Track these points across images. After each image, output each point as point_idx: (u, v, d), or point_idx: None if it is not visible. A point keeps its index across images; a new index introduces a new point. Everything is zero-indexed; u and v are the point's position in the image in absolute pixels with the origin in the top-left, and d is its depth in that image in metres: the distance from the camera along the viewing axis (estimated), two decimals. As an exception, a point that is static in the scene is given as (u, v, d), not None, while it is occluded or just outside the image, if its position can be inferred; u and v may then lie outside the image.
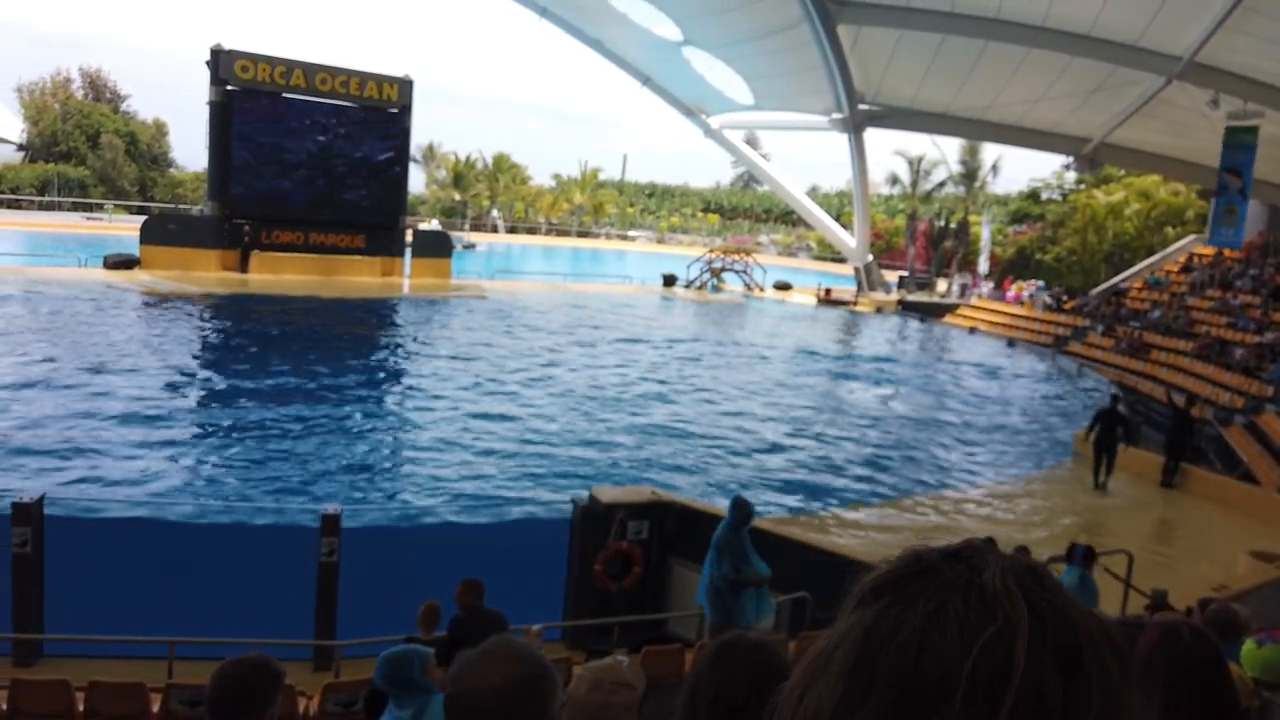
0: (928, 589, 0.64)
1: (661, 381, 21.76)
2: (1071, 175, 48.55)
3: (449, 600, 6.94)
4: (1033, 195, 56.03)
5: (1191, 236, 37.01)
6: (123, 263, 30.04)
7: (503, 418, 17.08)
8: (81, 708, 6.55)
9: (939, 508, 13.87)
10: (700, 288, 43.21)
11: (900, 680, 0.59)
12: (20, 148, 55.00)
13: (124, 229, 38.63)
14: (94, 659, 7.81)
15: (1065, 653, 0.60)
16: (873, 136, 41.12)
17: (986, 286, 43.78)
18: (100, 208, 50.38)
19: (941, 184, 56.68)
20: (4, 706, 6.47)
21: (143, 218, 35.53)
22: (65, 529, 8.68)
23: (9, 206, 48.40)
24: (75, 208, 49.99)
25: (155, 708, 6.69)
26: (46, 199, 49.92)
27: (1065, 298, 36.97)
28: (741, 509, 8.29)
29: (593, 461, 14.97)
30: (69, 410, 14.97)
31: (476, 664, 1.66)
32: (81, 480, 12.09)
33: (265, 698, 2.72)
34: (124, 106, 59.83)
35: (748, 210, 78.78)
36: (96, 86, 59.25)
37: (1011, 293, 41.00)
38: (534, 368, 21.75)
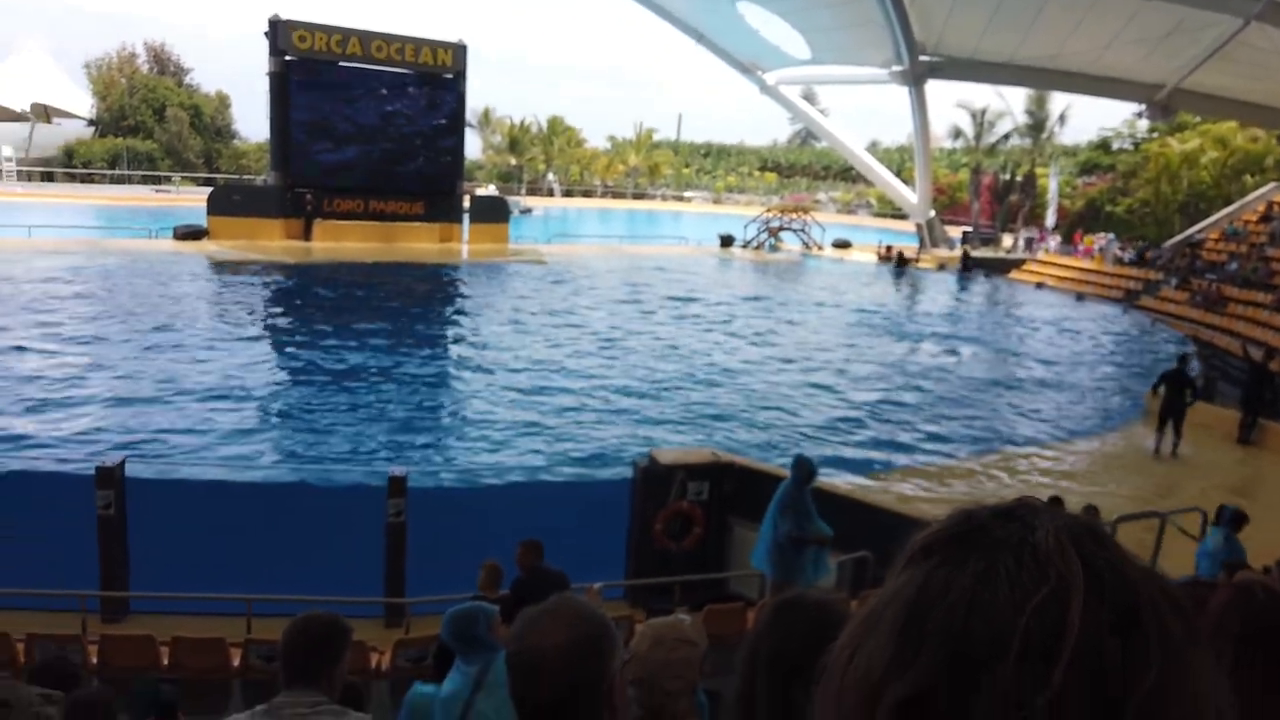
0: (978, 548, 0.62)
1: (719, 342, 21.69)
2: (1144, 123, 46.82)
3: (511, 560, 7.06)
4: (1103, 145, 54.19)
5: (1271, 185, 35.45)
6: (191, 233, 30.81)
7: (562, 380, 17.21)
8: (166, 661, 6.85)
9: (1004, 467, 13.65)
10: (758, 248, 42.80)
11: (950, 640, 0.58)
12: (90, 123, 56.48)
13: (191, 200, 39.56)
14: (176, 615, 8.15)
15: (1123, 612, 0.58)
16: (934, 89, 40.11)
17: (1054, 241, 42.58)
18: (168, 180, 51.60)
19: (1006, 136, 55.11)
20: (95, 660, 6.79)
21: (209, 189, 36.33)
22: (146, 491, 9.01)
23: (82, 181, 49.85)
24: (144, 180, 51.27)
25: (235, 662, 6.96)
26: (117, 172, 51.26)
27: (1147, 251, 35.77)
28: (803, 468, 8.26)
29: (652, 422, 15.02)
30: (145, 377, 15.48)
31: (539, 622, 1.68)
32: (159, 443, 12.53)
33: (335, 653, 2.81)
34: (187, 80, 60.95)
35: (806, 168, 77.57)
36: (161, 60, 60.38)
37: (1083, 246, 39.86)
38: (591, 330, 21.84)
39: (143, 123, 54.55)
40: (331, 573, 8.70)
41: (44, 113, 55.44)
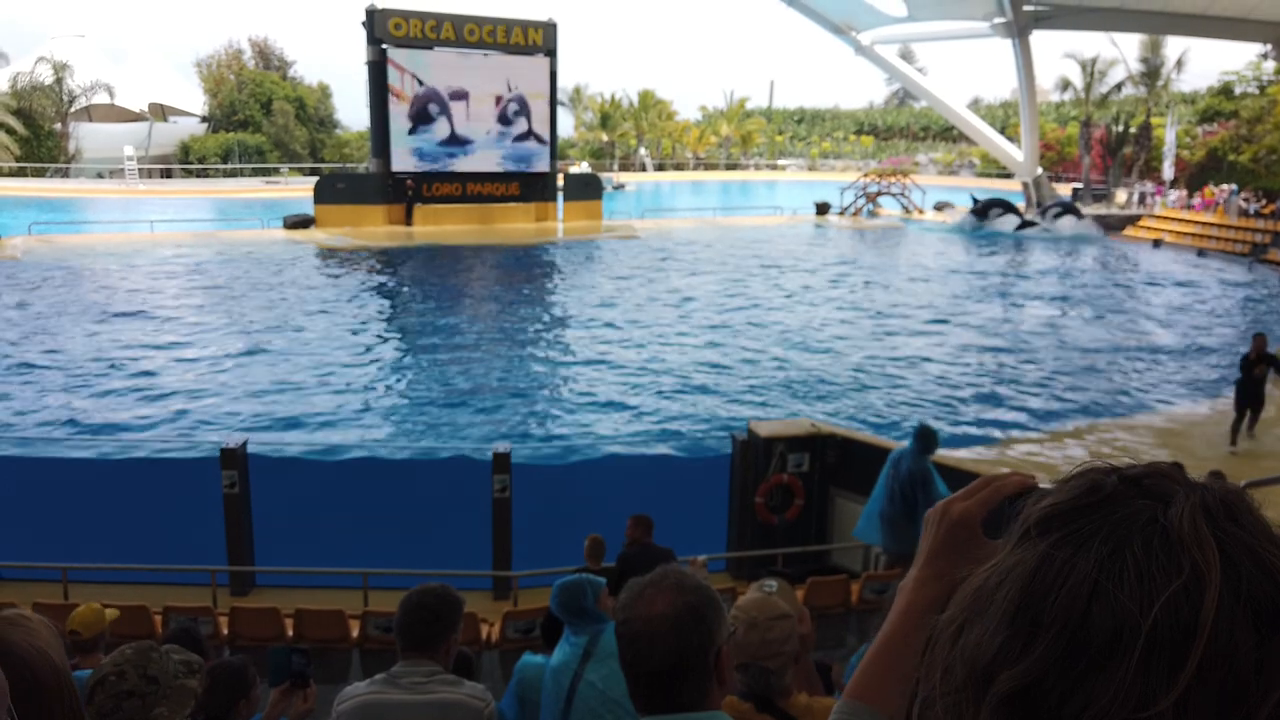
0: (1103, 526, 0.57)
1: (816, 311, 21.39)
2: (1270, 65, 43.77)
3: (612, 533, 7.15)
4: (1224, 91, 50.87)
5: None
6: (300, 222, 31.96)
7: (659, 354, 17.27)
8: (290, 632, 7.20)
9: (1120, 434, 13.11)
10: (855, 214, 41.91)
11: (1068, 631, 0.54)
12: (203, 119, 58.95)
13: (299, 190, 41.00)
14: (298, 589, 8.55)
15: (1262, 607, 0.52)
16: (1040, 39, 38.43)
17: (1175, 194, 40.37)
18: (277, 171, 53.55)
19: (1119, 86, 52.35)
20: (225, 631, 7.19)
21: (315, 178, 37.56)
22: (267, 470, 9.45)
23: (198, 176, 52.19)
24: (255, 173, 53.33)
25: (354, 632, 7.27)
26: (229, 166, 53.44)
27: (1264, 201, 33.66)
28: (926, 437, 8.09)
29: (752, 393, 14.95)
30: (262, 362, 16.19)
31: (644, 593, 1.71)
32: (278, 424, 13.12)
33: (449, 623, 2.91)
34: (290, 72, 62.92)
35: (904, 129, 75.41)
36: (265, 55, 62.46)
37: (1201, 199, 37.71)
38: (686, 303, 21.81)
39: (251, 117, 56.62)
40: (442, 547, 8.98)
41: (160, 112, 58.17)
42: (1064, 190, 44.66)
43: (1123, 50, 52.28)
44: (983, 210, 38.28)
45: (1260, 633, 0.52)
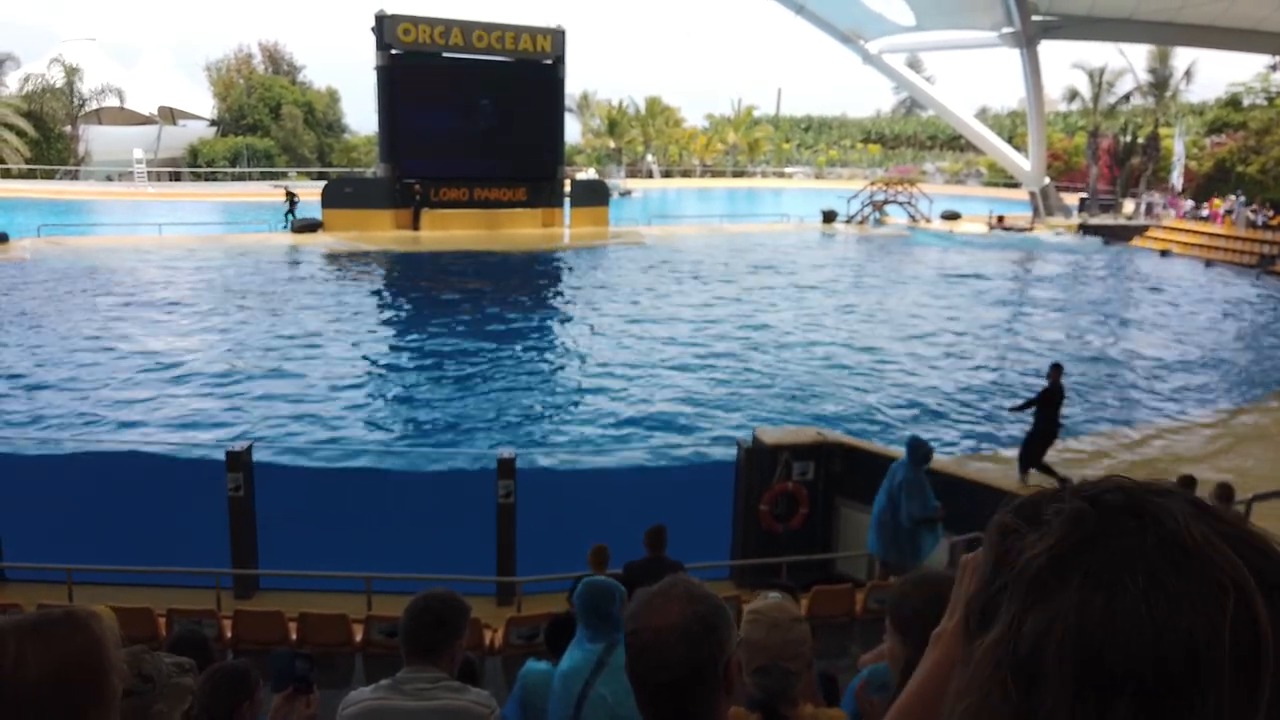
0: (1115, 560, 0.56)
1: (824, 319, 21.37)
2: (1278, 77, 43.77)
3: (617, 540, 7.14)
4: (1232, 102, 50.86)
5: None
6: (307, 226, 32.02)
7: (666, 361, 17.26)
8: (294, 636, 7.19)
9: (1128, 444, 13.07)
10: (862, 222, 41.89)
11: (1146, 680, 0.52)
12: (212, 123, 59.21)
13: (307, 194, 41.12)
14: (302, 592, 8.54)
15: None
16: (1048, 50, 38.37)
17: (1186, 205, 40.24)
18: (285, 175, 53.72)
19: (1127, 96, 52.30)
20: (229, 634, 7.18)
21: (323, 183, 37.65)
22: (272, 473, 9.46)
23: (206, 179, 52.37)
24: (263, 177, 53.50)
25: (357, 637, 7.26)
26: (238, 170, 53.63)
27: (1272, 212, 33.58)
28: (919, 448, 8.11)
29: (757, 402, 14.94)
30: (267, 365, 16.21)
31: (654, 602, 1.69)
32: (282, 428, 13.12)
33: (454, 629, 2.90)
34: (300, 77, 63.16)
35: (911, 138, 75.40)
36: (274, 59, 62.73)
37: (1209, 210, 37.64)
38: (694, 311, 21.80)
39: (260, 121, 56.84)
40: (446, 552, 8.98)
41: (170, 115, 58.44)
42: (1071, 200, 44.60)
43: (1131, 61, 52.16)
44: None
45: None
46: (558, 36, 34.05)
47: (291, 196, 33.01)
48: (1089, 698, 0.54)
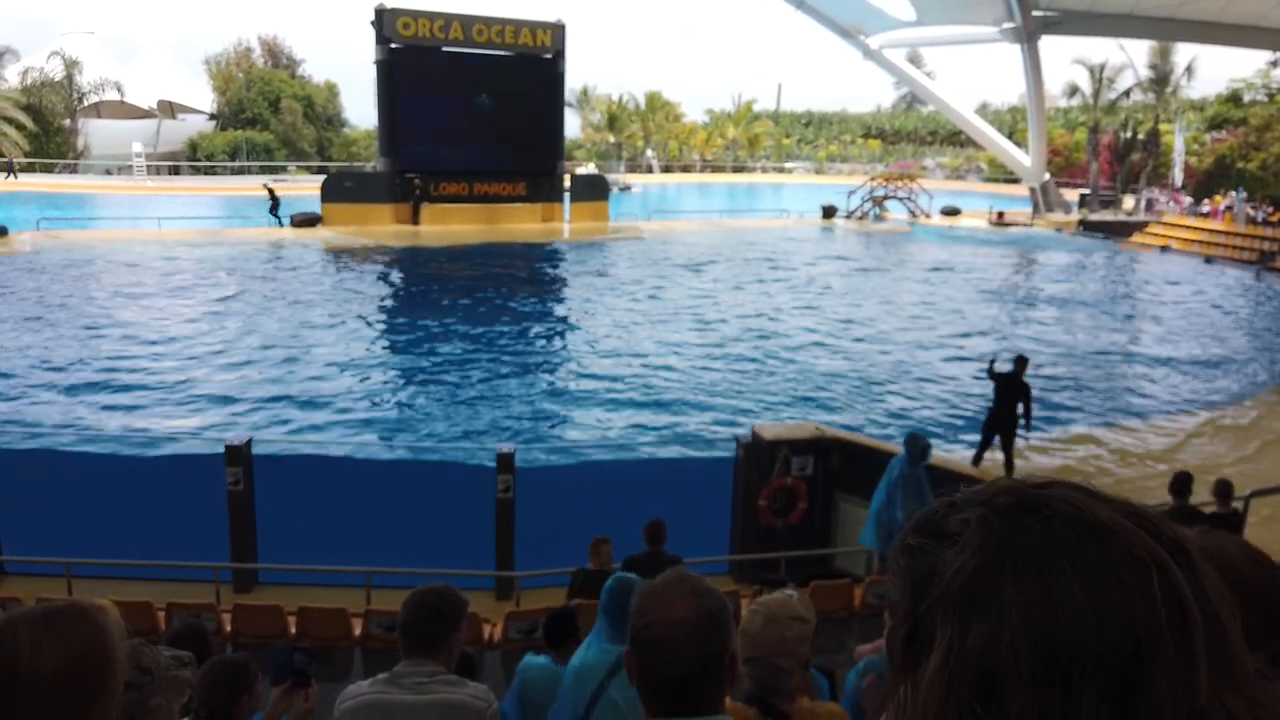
0: (1044, 554, 0.58)
1: (823, 314, 21.37)
2: (1279, 73, 43.73)
3: (616, 535, 7.15)
4: (1233, 98, 50.80)
5: None
6: (306, 220, 31.99)
7: (665, 356, 17.26)
8: (294, 630, 7.21)
9: (1131, 440, 13.08)
10: (862, 218, 41.86)
11: (1100, 659, 0.55)
12: (211, 117, 59.11)
13: (306, 188, 41.07)
14: (301, 586, 8.56)
15: (1177, 549, 0.59)
16: (1049, 45, 38.34)
17: (1189, 200, 40.19)
18: (284, 169, 53.65)
19: (1127, 92, 52.25)
20: (228, 628, 7.20)
21: (322, 177, 37.62)
22: (271, 468, 9.47)
23: (205, 173, 52.32)
24: (263, 171, 53.41)
25: (356, 631, 7.28)
26: (237, 164, 53.57)
27: (1272, 209, 33.57)
28: (917, 445, 8.11)
29: (756, 397, 14.95)
30: (266, 359, 16.21)
31: (660, 597, 1.69)
32: (281, 422, 13.13)
33: (452, 624, 2.91)
34: (299, 71, 63.05)
35: (911, 133, 75.33)
36: (274, 53, 62.60)
37: (1209, 206, 37.62)
38: (693, 306, 21.80)
39: (259, 115, 56.75)
40: (445, 546, 8.99)
41: (169, 109, 58.34)
42: (1071, 196, 44.58)
43: (1132, 56, 52.07)
44: None
45: (1189, 570, 0.58)
46: (558, 31, 33.99)
47: (272, 193, 32.69)
48: (1054, 692, 0.55)
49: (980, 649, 0.58)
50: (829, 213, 41.25)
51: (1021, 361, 10.67)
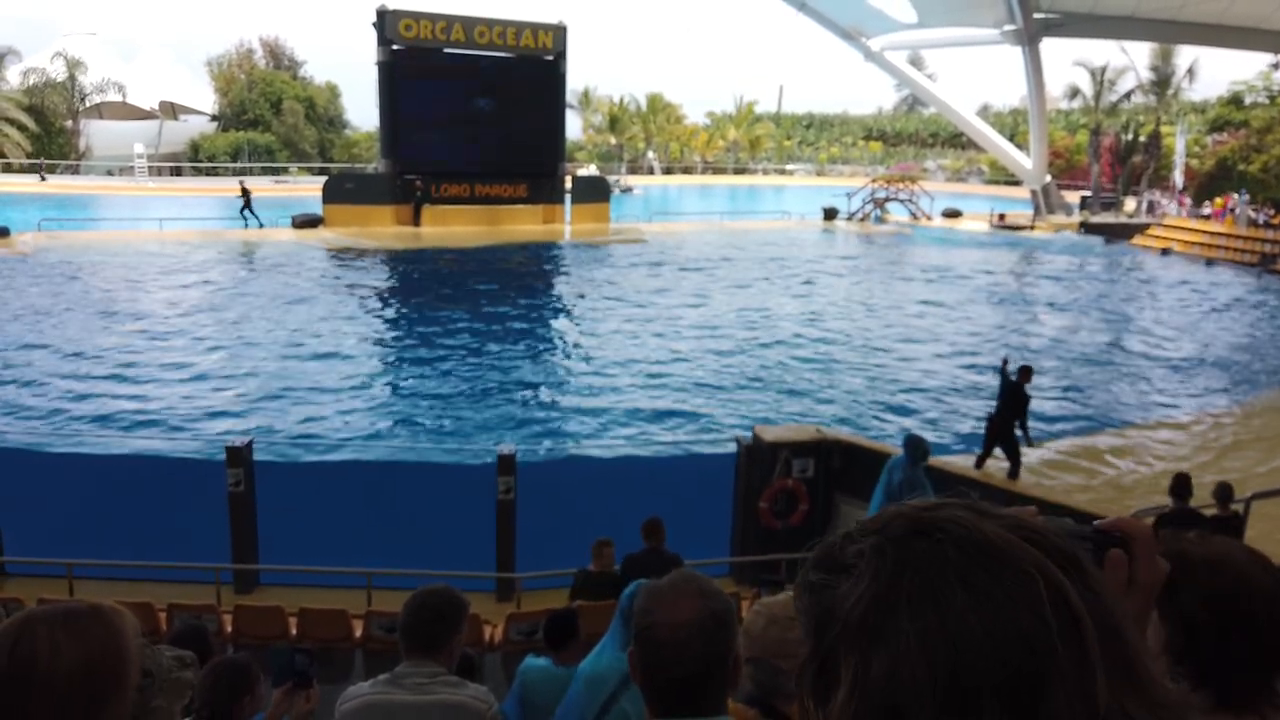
0: (935, 579, 0.59)
1: (824, 316, 21.37)
2: (1281, 75, 43.75)
3: (617, 536, 7.15)
4: (1234, 100, 50.81)
5: None
6: (308, 222, 31.98)
7: (665, 358, 17.27)
8: (294, 631, 7.21)
9: (1131, 443, 13.06)
10: (863, 219, 41.86)
11: (998, 678, 0.55)
12: (213, 118, 59.15)
13: (308, 189, 41.09)
14: (302, 588, 8.56)
15: (1066, 560, 0.60)
16: (1050, 47, 38.35)
17: (1191, 203, 40.14)
18: (286, 171, 53.69)
19: (1128, 94, 52.23)
20: (229, 629, 7.20)
21: (323, 178, 37.61)
22: (272, 470, 9.48)
23: (207, 174, 52.34)
24: (264, 172, 53.45)
25: (357, 632, 7.28)
26: (239, 165, 53.59)
27: (1274, 211, 33.56)
28: (917, 447, 8.11)
29: (757, 399, 14.95)
30: (267, 361, 16.22)
31: (667, 598, 1.68)
32: (282, 424, 13.13)
33: (453, 625, 2.91)
34: (300, 72, 63.09)
35: (912, 135, 75.31)
36: (275, 54, 62.65)
37: (1211, 208, 37.62)
38: (695, 307, 21.81)
39: (261, 116, 56.80)
40: (445, 547, 8.99)
41: (171, 110, 58.38)
42: (1072, 198, 44.56)
43: (1133, 58, 52.05)
44: None
45: (1079, 580, 0.60)
46: (559, 32, 34.00)
47: (246, 192, 32.10)
48: (958, 716, 0.56)
49: (884, 680, 0.58)
50: (830, 215, 41.24)
51: (1025, 371, 10.58)
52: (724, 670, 1.65)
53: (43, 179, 44.59)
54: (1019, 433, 10.36)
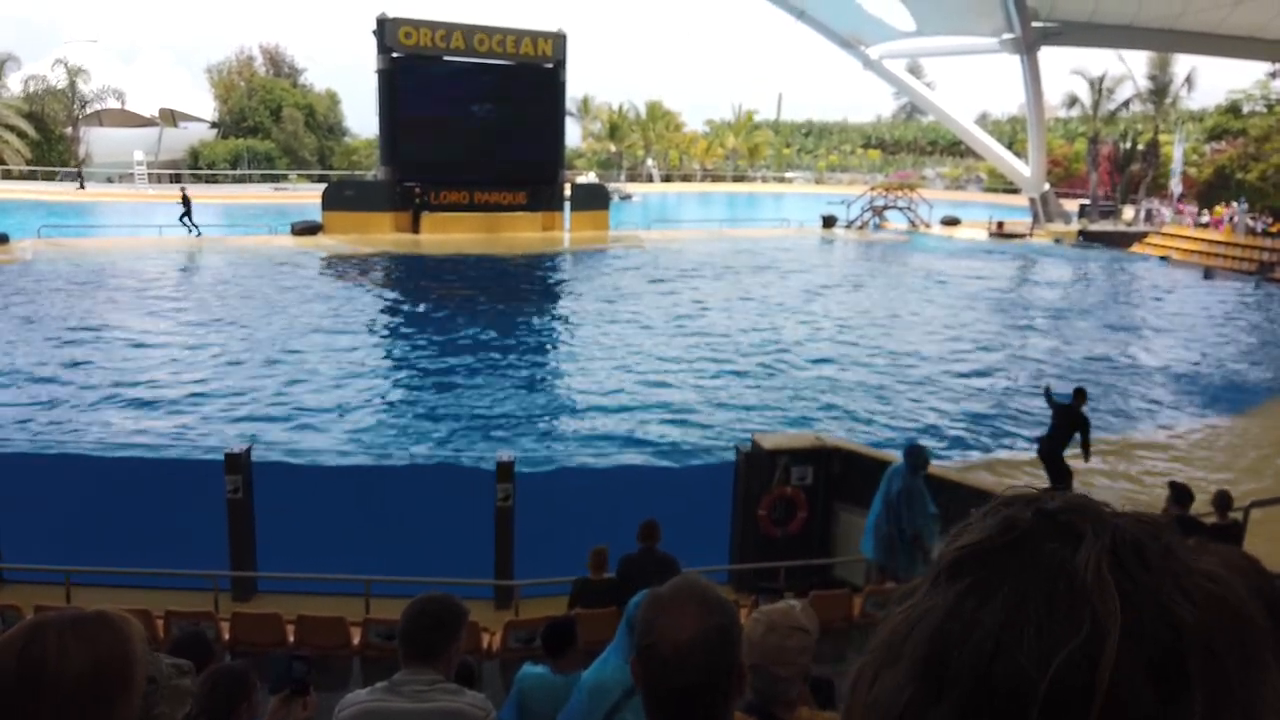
0: (1011, 573, 0.56)
1: (822, 323, 21.38)
2: (1278, 84, 43.87)
3: (616, 544, 7.15)
4: (1232, 109, 50.95)
5: None
6: (307, 229, 32.01)
7: (665, 365, 17.27)
8: (292, 639, 7.19)
9: (1129, 452, 13.07)
10: (862, 227, 41.92)
11: (971, 689, 0.53)
12: (213, 125, 59.24)
13: (307, 196, 41.12)
14: (300, 595, 8.54)
15: (1165, 661, 0.51)
16: (1048, 56, 38.47)
17: (1194, 210, 40.17)
18: (285, 178, 53.75)
19: (1126, 103, 52.40)
20: (227, 636, 7.18)
21: (323, 185, 37.66)
22: (271, 476, 9.46)
23: (207, 181, 52.38)
24: (264, 179, 53.51)
25: (355, 640, 7.26)
26: (238, 172, 53.65)
27: (1272, 219, 33.63)
28: (917, 455, 8.11)
29: (755, 406, 14.94)
30: (266, 367, 16.22)
31: (668, 611, 1.64)
32: (281, 430, 13.12)
33: (452, 632, 2.91)
34: (301, 79, 63.20)
35: (911, 143, 75.46)
36: (276, 62, 62.76)
37: (1210, 216, 37.70)
38: (694, 315, 21.82)
39: (261, 123, 56.87)
40: (444, 555, 8.98)
41: (170, 117, 58.49)
42: (1071, 206, 44.64)
43: (1131, 67, 52.21)
44: None
45: (1161, 689, 0.50)
46: (559, 40, 34.09)
47: (186, 199, 31.44)
48: (927, 690, 0.55)
49: (907, 624, 0.58)
50: (829, 222, 41.30)
51: (1079, 394, 10.59)
52: (728, 682, 1.62)
53: (81, 186, 45.16)
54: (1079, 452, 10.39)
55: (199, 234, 30.87)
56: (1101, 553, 0.55)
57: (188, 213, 30.89)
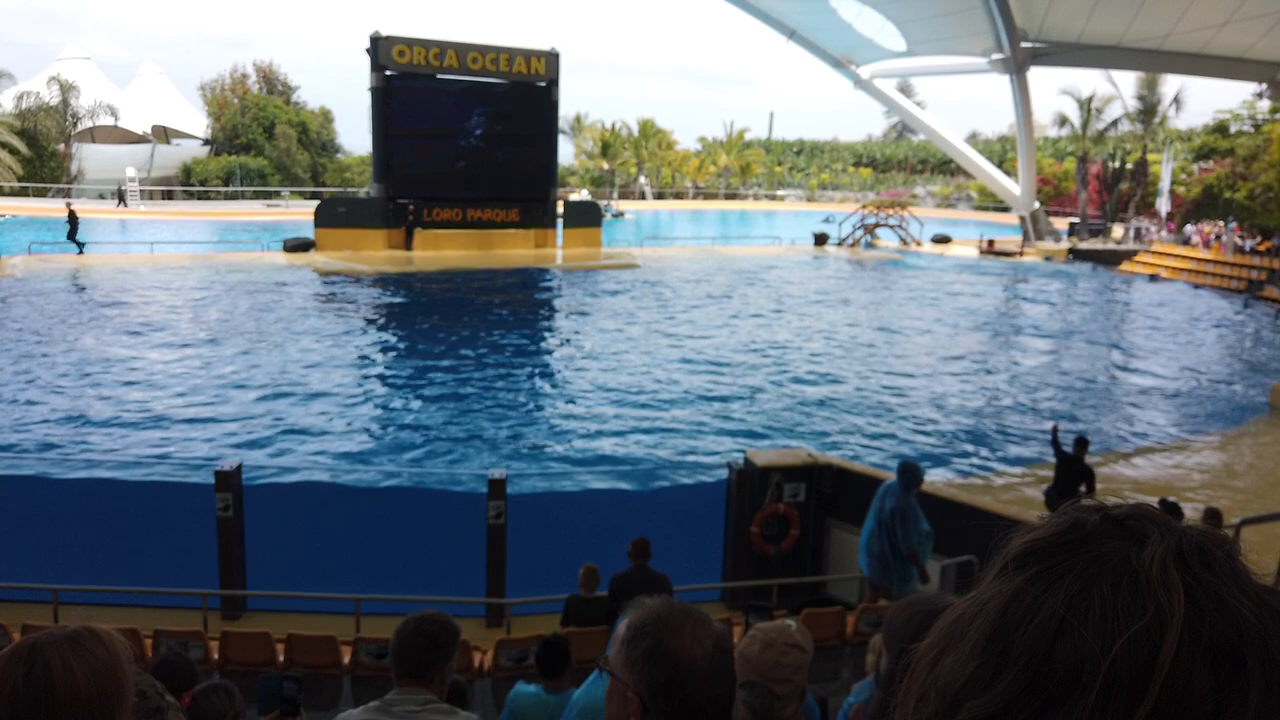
0: (1077, 564, 0.58)
1: (814, 341, 21.42)
2: (1265, 104, 44.27)
3: (608, 562, 7.13)
4: (1220, 128, 51.42)
5: None
6: (299, 245, 31.99)
7: (658, 382, 17.27)
8: (282, 658, 7.14)
9: (1118, 468, 13.10)
10: (853, 245, 42.08)
11: (1033, 665, 0.55)
12: (206, 142, 59.25)
13: (300, 214, 41.13)
14: (290, 614, 8.48)
15: (1224, 652, 0.53)
16: (1037, 75, 38.84)
17: (1189, 228, 40.39)
18: (278, 195, 53.75)
19: (1115, 122, 52.80)
20: (216, 655, 7.12)
21: (316, 202, 37.67)
22: (261, 494, 9.41)
23: (199, 198, 52.35)
24: (256, 196, 53.49)
25: (345, 659, 7.20)
26: (231, 189, 53.63)
27: (1260, 238, 33.89)
28: (910, 473, 8.11)
29: (748, 424, 14.94)
30: (258, 385, 16.16)
31: (676, 632, 1.58)
32: (271, 449, 13.07)
33: (445, 651, 2.89)
34: (294, 97, 63.30)
35: (902, 162, 75.93)
36: (269, 79, 62.87)
37: (1198, 235, 37.94)
38: (685, 332, 21.84)
39: (254, 140, 56.91)
40: (435, 573, 8.93)
41: (163, 134, 58.48)
42: (1061, 225, 44.90)
43: (1120, 87, 52.71)
44: None
45: (1220, 675, 0.52)
46: (552, 59, 34.25)
47: (73, 215, 30.65)
48: (987, 666, 0.57)
49: (976, 606, 0.61)
50: (820, 240, 41.47)
51: (1080, 444, 10.48)
52: (730, 705, 1.59)
53: (123, 204, 45.46)
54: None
55: (80, 252, 29.72)
56: (1166, 552, 0.57)
57: (73, 231, 29.97)
